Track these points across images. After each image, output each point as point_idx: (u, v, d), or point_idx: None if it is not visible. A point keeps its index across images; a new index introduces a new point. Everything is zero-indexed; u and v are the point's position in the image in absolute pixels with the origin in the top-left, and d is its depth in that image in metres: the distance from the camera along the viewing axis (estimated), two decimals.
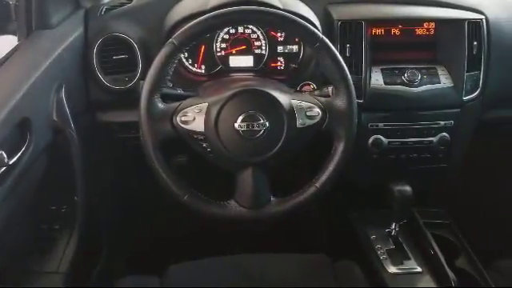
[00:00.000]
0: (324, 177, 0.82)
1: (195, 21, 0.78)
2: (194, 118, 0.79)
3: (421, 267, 0.98)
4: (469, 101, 1.03)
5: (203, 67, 1.05)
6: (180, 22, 0.97)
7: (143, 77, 0.80)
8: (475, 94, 1.03)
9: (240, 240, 1.17)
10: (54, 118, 0.88)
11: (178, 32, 0.78)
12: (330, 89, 0.86)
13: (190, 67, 1.05)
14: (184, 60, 1.04)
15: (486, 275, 0.94)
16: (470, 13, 1.03)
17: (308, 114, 0.81)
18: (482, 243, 1.03)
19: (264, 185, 0.82)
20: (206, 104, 0.80)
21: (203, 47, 1.04)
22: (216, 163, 0.84)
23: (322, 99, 0.83)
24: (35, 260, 0.98)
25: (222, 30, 1.03)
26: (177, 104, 0.81)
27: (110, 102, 1.02)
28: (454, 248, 1.03)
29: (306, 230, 1.39)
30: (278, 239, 1.24)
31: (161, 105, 0.79)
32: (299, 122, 0.80)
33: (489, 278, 0.93)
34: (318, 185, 0.83)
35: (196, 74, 1.05)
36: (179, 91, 0.91)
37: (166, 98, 0.82)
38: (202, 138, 0.80)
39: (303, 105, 0.81)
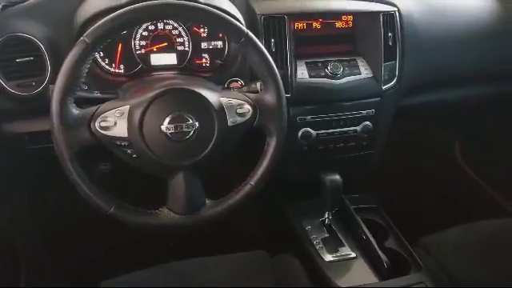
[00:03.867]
0: (258, 174, 0.82)
1: (108, 16, 0.71)
2: (115, 122, 0.73)
3: (355, 252, 1.01)
4: (387, 89, 1.08)
5: (122, 67, 0.98)
6: (92, 18, 0.89)
7: (53, 80, 0.72)
8: (392, 82, 1.09)
9: (175, 246, 1.13)
10: None
11: (90, 29, 0.71)
12: (259, 84, 0.85)
13: (107, 67, 0.97)
14: (100, 60, 0.96)
15: (414, 253, 1.00)
16: (385, 5, 1.08)
17: (238, 111, 0.79)
18: (407, 223, 1.09)
19: (197, 188, 0.79)
20: (128, 106, 0.74)
21: (120, 45, 0.97)
22: (144, 170, 0.79)
23: (252, 95, 0.82)
24: None
25: (139, 26, 0.96)
26: (94, 108, 0.75)
27: (17, 111, 0.91)
28: (383, 230, 1.09)
29: (243, 229, 1.38)
30: (214, 241, 1.22)
31: (75, 110, 0.72)
32: (230, 121, 0.78)
33: (416, 255, 0.99)
34: (252, 182, 0.82)
35: (114, 74, 0.98)
36: (96, 94, 0.84)
37: (81, 103, 0.75)
38: (125, 143, 0.74)
39: (233, 102, 0.79)
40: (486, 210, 1.30)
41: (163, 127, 0.73)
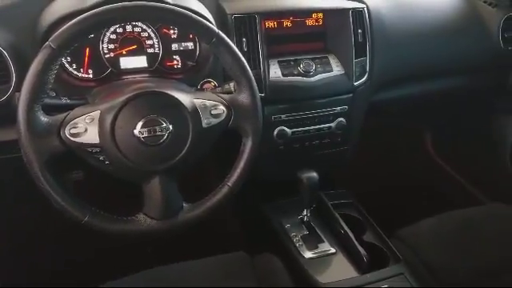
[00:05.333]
0: (235, 174, 0.81)
1: (74, 20, 0.69)
2: (85, 128, 0.71)
3: (334, 248, 1.02)
4: (359, 85, 1.10)
5: (91, 71, 0.95)
6: (57, 22, 0.86)
7: (19, 88, 0.69)
8: (364, 78, 1.10)
9: (153, 251, 1.11)
10: None
11: (56, 33, 0.69)
12: (232, 85, 0.84)
13: (75, 72, 0.94)
14: (67, 65, 0.93)
15: (391, 245, 1.02)
16: (353, 2, 1.10)
17: (213, 112, 0.78)
18: (384, 216, 1.11)
19: (174, 192, 0.77)
20: (99, 112, 0.72)
21: (88, 49, 0.94)
22: (118, 176, 0.77)
23: (225, 96, 0.81)
24: None
25: (107, 29, 0.94)
26: (63, 115, 0.72)
27: None
28: (360, 224, 1.10)
29: (222, 230, 1.37)
30: (193, 244, 1.20)
31: (44, 118, 0.70)
32: (205, 122, 0.77)
33: (394, 247, 1.01)
34: (230, 184, 0.81)
35: (83, 79, 0.95)
36: (65, 101, 0.82)
37: (49, 110, 0.72)
38: (97, 150, 0.72)
39: (207, 103, 0.78)
40: (459, 199, 1.34)
41: (136, 131, 0.72)
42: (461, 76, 1.33)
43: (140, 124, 0.72)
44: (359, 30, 1.07)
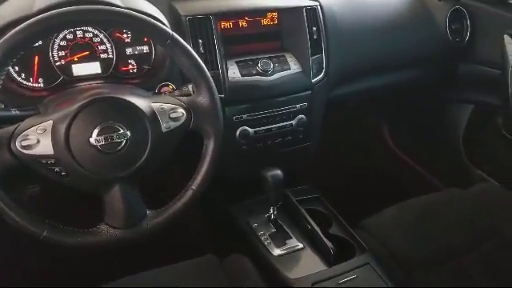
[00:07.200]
0: (199, 177, 0.80)
1: (18, 27, 0.66)
2: (37, 140, 0.69)
3: (302, 243, 1.04)
4: (317, 82, 1.12)
5: (41, 80, 0.91)
6: (2, 29, 0.82)
7: None
8: (321, 75, 1.12)
9: (121, 261, 1.08)
10: None
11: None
12: (190, 87, 0.83)
13: (25, 82, 0.90)
14: (15, 74, 0.89)
15: (356, 235, 1.04)
16: (306, 0, 1.11)
17: (172, 115, 0.77)
18: (348, 208, 1.13)
19: (136, 199, 0.76)
20: (51, 122, 0.70)
21: (37, 57, 0.90)
22: (76, 187, 0.74)
23: (184, 98, 0.80)
24: None
25: (55, 35, 0.90)
26: (13, 127, 0.69)
27: None
28: (326, 218, 1.12)
29: (190, 235, 1.35)
30: (162, 251, 1.18)
31: None
32: (164, 126, 0.76)
33: (359, 238, 1.03)
34: (194, 187, 0.80)
35: (33, 89, 0.90)
36: (14, 112, 0.77)
37: None
38: (52, 161, 0.70)
39: (165, 107, 0.77)
40: (418, 187, 1.40)
41: (92, 140, 0.70)
42: (413, 68, 1.38)
43: (96, 132, 0.70)
44: (314, 28, 1.09)
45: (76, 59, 0.93)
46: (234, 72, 1.02)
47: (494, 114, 1.38)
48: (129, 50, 0.97)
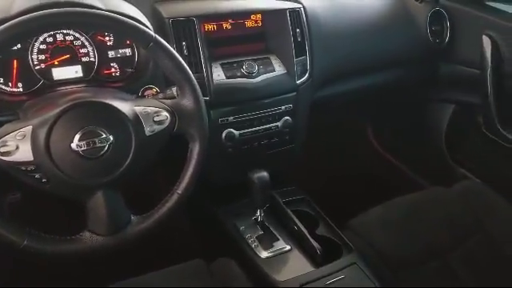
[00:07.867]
0: (185, 181, 0.80)
1: None
2: (16, 146, 0.67)
3: (289, 245, 1.03)
4: (302, 84, 1.12)
5: (20, 85, 0.89)
6: None
7: None
8: (305, 77, 1.13)
9: (106, 267, 1.06)
10: None
11: None
12: (174, 89, 0.82)
13: (3, 87, 0.87)
14: None
15: (343, 235, 1.05)
16: (290, 3, 1.12)
17: (156, 119, 0.76)
18: (335, 209, 1.14)
19: (119, 205, 0.75)
20: (30, 127, 0.68)
21: (16, 61, 0.88)
22: (57, 193, 0.72)
23: (168, 101, 0.79)
24: None
25: (35, 39, 0.88)
26: None
27: None
28: (313, 219, 1.12)
29: (176, 239, 1.34)
30: (148, 257, 1.17)
31: None
32: (148, 130, 0.75)
33: (346, 238, 1.04)
34: (179, 191, 0.79)
35: (12, 93, 0.88)
36: None
37: None
38: (32, 168, 0.68)
39: (149, 110, 0.76)
40: (403, 186, 1.41)
41: (74, 145, 0.68)
42: (395, 69, 1.40)
43: (77, 137, 0.68)
44: (297, 30, 1.10)
45: (56, 63, 0.91)
46: (218, 74, 1.02)
47: (474, 112, 1.41)
48: (111, 53, 0.96)
